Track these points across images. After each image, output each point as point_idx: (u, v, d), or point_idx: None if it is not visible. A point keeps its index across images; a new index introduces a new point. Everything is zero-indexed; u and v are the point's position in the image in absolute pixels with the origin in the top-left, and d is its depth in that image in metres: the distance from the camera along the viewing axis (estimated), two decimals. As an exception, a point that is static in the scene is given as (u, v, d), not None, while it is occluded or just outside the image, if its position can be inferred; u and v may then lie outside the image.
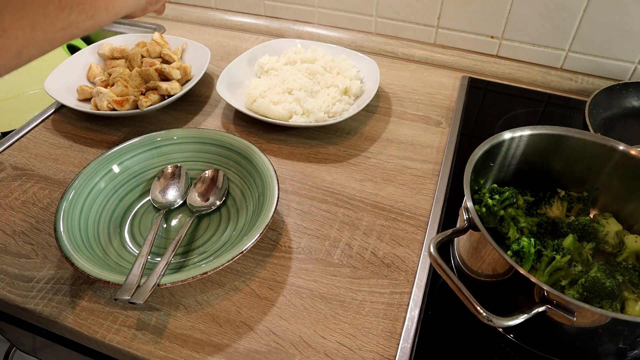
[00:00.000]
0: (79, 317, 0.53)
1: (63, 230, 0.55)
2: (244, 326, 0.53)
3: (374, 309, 0.54)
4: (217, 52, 1.00)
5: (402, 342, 0.51)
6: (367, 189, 0.69)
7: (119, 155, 0.65)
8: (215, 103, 0.86)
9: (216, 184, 0.66)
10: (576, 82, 0.90)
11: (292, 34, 1.05)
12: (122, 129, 0.80)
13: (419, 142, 0.77)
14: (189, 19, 1.12)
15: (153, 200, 0.64)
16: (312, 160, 0.74)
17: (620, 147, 0.56)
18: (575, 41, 0.87)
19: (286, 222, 0.64)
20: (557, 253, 0.51)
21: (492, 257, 0.47)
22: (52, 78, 0.82)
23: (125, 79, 0.82)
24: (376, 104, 0.85)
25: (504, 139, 0.58)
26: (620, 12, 0.81)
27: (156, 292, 0.56)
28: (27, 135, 0.79)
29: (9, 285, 0.57)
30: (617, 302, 0.49)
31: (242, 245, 0.53)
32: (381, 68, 0.92)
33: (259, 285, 0.56)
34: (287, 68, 0.85)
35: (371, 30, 1.01)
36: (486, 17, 0.90)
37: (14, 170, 0.72)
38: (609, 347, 0.45)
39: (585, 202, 0.60)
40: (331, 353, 0.50)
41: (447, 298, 0.55)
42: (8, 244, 0.61)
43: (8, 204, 0.67)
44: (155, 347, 0.51)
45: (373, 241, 0.62)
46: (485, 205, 0.57)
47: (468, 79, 0.92)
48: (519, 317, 0.43)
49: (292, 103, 0.77)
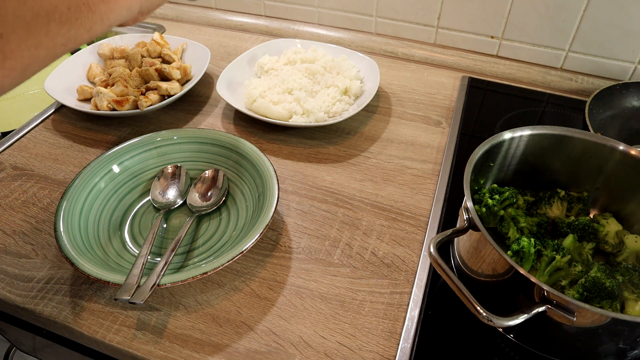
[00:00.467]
0: (79, 317, 0.53)
1: (63, 230, 0.55)
2: (244, 326, 0.53)
3: (374, 309, 0.54)
4: (217, 52, 1.00)
5: (402, 342, 0.51)
6: (367, 189, 0.69)
7: (119, 155, 0.65)
8: (215, 103, 0.86)
9: (216, 184, 0.66)
10: (576, 82, 0.90)
11: (292, 34, 1.05)
12: (122, 129, 0.80)
13: (419, 142, 0.77)
14: (189, 19, 1.12)
15: (153, 200, 0.64)
16: (312, 160, 0.74)
17: (620, 147, 0.56)
18: (575, 41, 0.87)
19: (286, 222, 0.64)
20: (557, 253, 0.51)
21: (492, 257, 0.47)
22: (52, 78, 0.82)
23: (125, 79, 0.82)
24: (376, 104, 0.85)
25: (504, 139, 0.58)
26: (620, 12, 0.81)
27: (156, 292, 0.56)
28: (27, 135, 0.79)
29: (9, 285, 0.57)
30: (617, 302, 0.49)
31: (242, 245, 0.53)
32: (381, 68, 0.92)
33: (259, 285, 0.56)
34: (287, 68, 0.85)
35: (371, 30, 1.01)
36: (486, 17, 0.90)
37: (14, 170, 0.72)
38: (609, 347, 0.45)
39: (585, 202, 0.60)
40: (331, 353, 0.50)
41: (447, 298, 0.55)
42: (8, 244, 0.61)
43: (8, 204, 0.67)
44: (155, 347, 0.51)
45: (373, 241, 0.62)
46: (485, 205, 0.57)
47: (468, 79, 0.92)
48: (519, 317, 0.43)
49: (292, 103, 0.77)
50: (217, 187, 0.65)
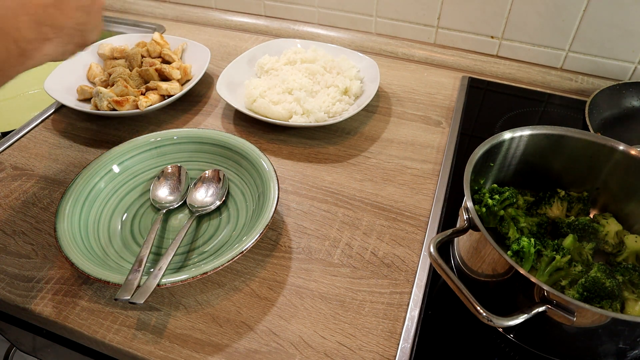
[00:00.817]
0: (79, 317, 0.53)
1: (63, 230, 0.55)
2: (244, 326, 0.53)
3: (374, 309, 0.54)
4: (217, 52, 1.00)
5: (402, 342, 0.51)
6: (367, 189, 0.69)
7: (119, 155, 0.65)
8: (215, 103, 0.86)
9: (216, 184, 0.66)
10: (576, 82, 0.90)
11: (292, 34, 1.05)
12: (122, 129, 0.80)
13: (419, 142, 0.77)
14: (189, 19, 1.12)
15: (153, 200, 0.64)
16: (312, 160, 0.74)
17: (620, 147, 0.56)
18: (575, 41, 0.87)
19: (286, 222, 0.64)
20: (557, 253, 0.51)
21: (492, 257, 0.47)
22: (52, 78, 0.82)
23: (125, 79, 0.82)
24: (376, 104, 0.85)
25: (504, 139, 0.58)
26: (620, 12, 0.81)
27: (156, 292, 0.56)
28: (27, 135, 0.79)
29: (9, 285, 0.57)
30: (617, 302, 0.49)
31: (242, 245, 0.53)
32: (381, 68, 0.92)
33: (259, 285, 0.56)
34: (287, 68, 0.85)
35: (371, 30, 1.01)
36: (486, 17, 0.90)
37: (14, 170, 0.72)
38: (609, 347, 0.45)
39: (585, 202, 0.60)
40: (331, 353, 0.50)
41: (447, 298, 0.55)
42: (8, 244, 0.61)
43: (8, 204, 0.67)
44: (155, 347, 0.51)
45: (373, 241, 0.62)
46: (485, 205, 0.57)
47: (468, 79, 0.92)
48: (519, 317, 0.43)
49: (292, 103, 0.77)
50: (217, 187, 0.65)
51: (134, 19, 1.13)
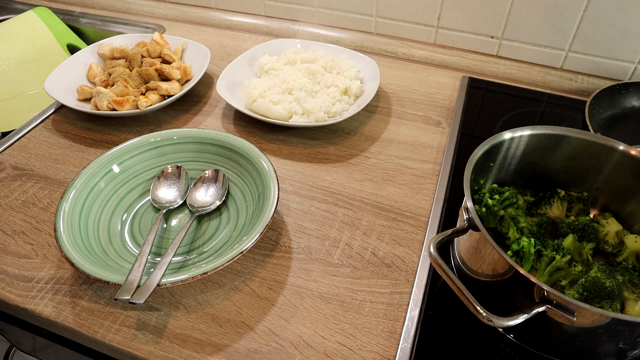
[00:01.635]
0: (79, 317, 0.53)
1: (63, 230, 0.55)
2: (244, 326, 0.53)
3: (374, 309, 0.54)
4: (217, 52, 1.00)
5: (402, 342, 0.51)
6: (367, 189, 0.69)
7: (119, 155, 0.65)
8: (215, 103, 0.86)
9: (216, 184, 0.66)
10: (576, 82, 0.90)
11: (292, 34, 1.05)
12: (122, 129, 0.80)
13: (419, 142, 0.77)
14: (189, 19, 1.12)
15: (153, 200, 0.64)
16: (312, 160, 0.74)
17: (620, 147, 0.56)
18: (575, 41, 0.87)
19: (286, 222, 0.64)
20: (557, 253, 0.51)
21: (492, 257, 0.47)
22: (52, 78, 0.82)
23: (125, 79, 0.82)
24: (376, 104, 0.85)
25: (504, 139, 0.58)
26: (620, 12, 0.81)
27: (156, 292, 0.56)
28: (27, 135, 0.79)
29: (9, 285, 0.57)
30: (617, 302, 0.49)
31: (242, 245, 0.53)
32: (381, 68, 0.92)
33: (259, 285, 0.57)
34: (287, 68, 0.85)
35: (371, 30, 1.01)
36: (486, 17, 0.90)
37: (14, 170, 0.72)
38: (609, 347, 0.45)
39: (585, 202, 0.60)
40: (331, 353, 0.50)
41: (447, 298, 0.55)
42: (8, 244, 0.61)
43: (8, 204, 0.67)
44: (155, 347, 0.51)
45: (373, 241, 0.62)
46: (485, 205, 0.57)
47: (468, 79, 0.92)
48: (519, 317, 0.43)
49: (292, 103, 0.77)
50: (217, 187, 0.65)
51: (134, 19, 1.13)
